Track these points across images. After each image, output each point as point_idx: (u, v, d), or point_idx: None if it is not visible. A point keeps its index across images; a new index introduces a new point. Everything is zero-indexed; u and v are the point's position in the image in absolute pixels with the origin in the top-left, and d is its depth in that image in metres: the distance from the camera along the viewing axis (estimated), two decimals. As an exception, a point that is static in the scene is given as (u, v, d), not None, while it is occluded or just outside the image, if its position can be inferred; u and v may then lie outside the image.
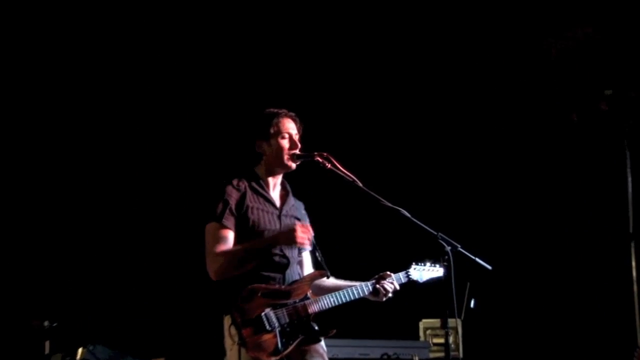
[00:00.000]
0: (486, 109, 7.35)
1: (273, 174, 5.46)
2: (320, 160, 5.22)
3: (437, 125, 7.82)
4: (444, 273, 5.12)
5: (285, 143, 5.38)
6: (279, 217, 5.36)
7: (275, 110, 5.47)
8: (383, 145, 7.86)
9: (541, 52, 6.67)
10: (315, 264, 5.52)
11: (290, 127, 5.42)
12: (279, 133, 5.38)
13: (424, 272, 5.59)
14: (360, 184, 5.19)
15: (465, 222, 7.39)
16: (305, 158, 5.33)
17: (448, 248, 5.05)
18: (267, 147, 5.40)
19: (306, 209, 5.65)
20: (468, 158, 7.91)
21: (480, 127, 7.54)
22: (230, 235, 5.21)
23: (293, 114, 5.50)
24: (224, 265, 5.15)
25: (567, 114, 6.86)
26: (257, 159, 5.50)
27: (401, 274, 5.49)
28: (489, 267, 5.19)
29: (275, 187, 5.44)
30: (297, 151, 5.40)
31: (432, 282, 5.62)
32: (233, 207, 5.23)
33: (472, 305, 6.48)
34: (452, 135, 7.87)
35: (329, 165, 5.20)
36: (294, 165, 5.42)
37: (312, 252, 5.53)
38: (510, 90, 7.18)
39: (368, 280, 5.38)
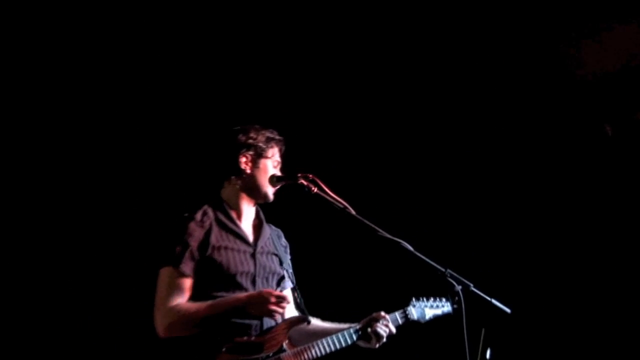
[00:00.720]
0: (505, 125, 6.60)
1: (248, 202, 4.67)
2: (305, 183, 4.40)
3: (443, 142, 7.02)
4: (452, 308, 4.27)
5: (272, 168, 4.64)
6: (253, 255, 4.55)
7: (278, 137, 4.71)
8: (378, 165, 6.96)
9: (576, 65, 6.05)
10: (296, 304, 4.71)
11: (279, 155, 4.71)
12: (271, 156, 4.65)
13: (427, 309, 4.84)
14: (353, 212, 4.36)
15: (474, 257, 6.51)
16: (286, 181, 4.55)
17: (459, 287, 4.18)
18: (252, 167, 4.63)
19: (287, 237, 4.86)
20: (480, 179, 7.01)
21: (496, 143, 6.77)
22: (187, 284, 4.39)
23: (278, 136, 4.75)
24: (176, 325, 4.35)
25: (601, 128, 6.19)
26: (220, 180, 4.68)
27: (397, 314, 4.68)
28: (508, 310, 4.44)
29: (248, 217, 4.65)
30: (276, 172, 4.66)
31: (439, 319, 4.83)
32: (194, 249, 4.42)
33: (488, 356, 5.56)
34: (461, 154, 7.04)
35: (315, 190, 4.39)
36: (271, 194, 4.65)
37: (293, 290, 4.75)
38: (537, 107, 6.47)
39: (358, 322, 4.55)
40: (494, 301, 4.32)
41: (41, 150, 6.14)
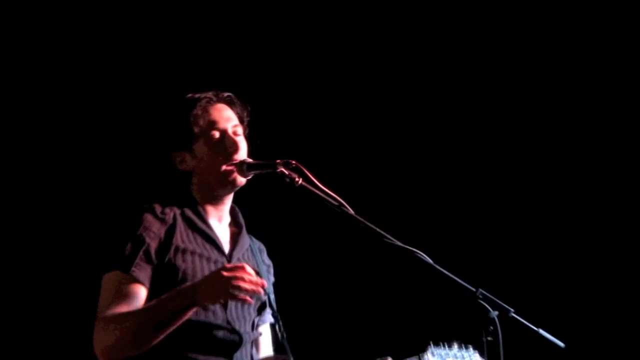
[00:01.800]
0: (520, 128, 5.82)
1: (213, 199, 3.63)
2: (286, 172, 3.36)
3: (450, 136, 5.97)
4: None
5: (218, 145, 3.59)
6: None
7: (197, 95, 3.64)
8: (380, 150, 5.83)
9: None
10: (276, 343, 3.63)
11: (224, 116, 3.62)
12: (206, 131, 3.58)
13: (449, 360, 3.61)
14: (351, 211, 3.31)
15: (511, 273, 5.54)
16: (261, 169, 3.48)
17: (494, 313, 3.12)
18: (192, 158, 3.60)
19: (270, 254, 3.82)
20: (510, 177, 6.01)
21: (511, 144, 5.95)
22: (140, 293, 3.36)
23: (228, 94, 3.69)
24: (117, 339, 3.28)
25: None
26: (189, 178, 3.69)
27: None
28: (561, 345, 3.41)
29: (221, 218, 3.62)
30: (243, 156, 3.58)
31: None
32: (152, 249, 3.37)
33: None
34: (471, 151, 6.01)
35: (300, 181, 3.34)
36: (240, 180, 3.57)
37: (273, 325, 3.68)
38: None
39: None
40: (542, 332, 3.31)
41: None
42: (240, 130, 3.61)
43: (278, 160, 3.40)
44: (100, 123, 5.40)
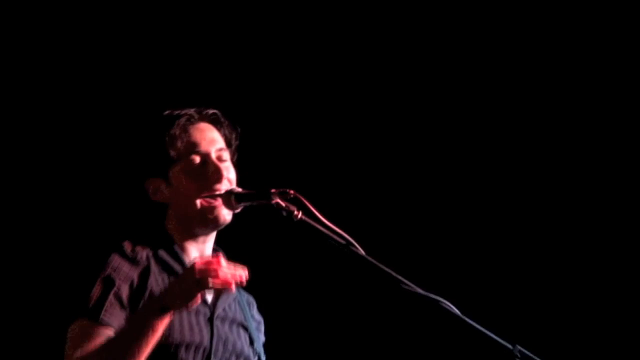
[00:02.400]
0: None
1: (191, 237, 3.08)
2: (283, 203, 2.81)
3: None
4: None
5: (198, 172, 3.05)
6: (210, 320, 2.96)
7: (176, 112, 3.11)
8: (393, 178, 5.22)
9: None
10: None
11: (206, 138, 3.09)
12: (184, 155, 3.04)
13: None
14: (361, 251, 2.75)
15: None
16: (252, 200, 2.92)
17: (536, 380, 2.64)
18: (167, 187, 3.06)
19: (262, 306, 3.26)
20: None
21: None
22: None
23: (213, 111, 3.16)
24: None
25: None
26: (162, 209, 3.11)
27: None
28: None
29: (202, 255, 3.06)
30: (227, 186, 3.04)
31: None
32: (123, 293, 2.86)
33: None
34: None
35: (300, 215, 2.79)
36: (225, 218, 3.03)
37: None
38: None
39: None
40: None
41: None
42: (226, 155, 3.07)
43: (273, 190, 2.82)
44: (60, 140, 4.79)
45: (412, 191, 5.20)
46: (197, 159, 3.02)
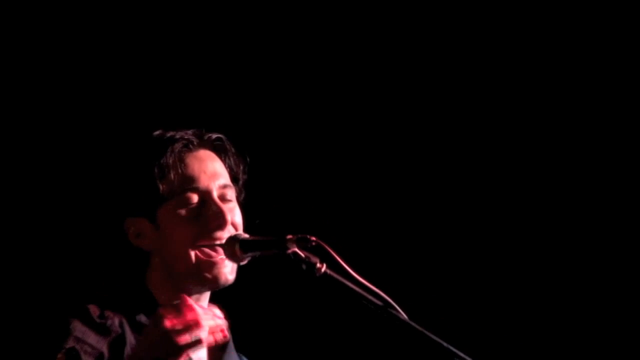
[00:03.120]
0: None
1: (181, 293, 2.36)
2: (302, 254, 2.20)
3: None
4: None
5: (195, 214, 2.43)
6: None
7: (170, 134, 2.47)
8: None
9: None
10: None
11: (208, 170, 2.46)
12: (178, 191, 2.42)
13: None
14: (403, 315, 2.16)
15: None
16: (262, 249, 2.31)
17: None
18: (153, 231, 2.44)
19: None
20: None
21: None
22: None
23: (218, 136, 2.53)
24: None
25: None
26: (144, 258, 2.46)
27: None
28: None
29: None
30: (234, 231, 2.43)
31: None
32: None
33: None
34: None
35: (324, 268, 2.18)
36: (226, 277, 2.41)
37: None
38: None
39: None
40: None
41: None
42: (231, 193, 2.46)
43: (289, 236, 2.23)
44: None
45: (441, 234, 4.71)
46: (195, 198, 2.41)
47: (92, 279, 2.46)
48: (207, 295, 2.45)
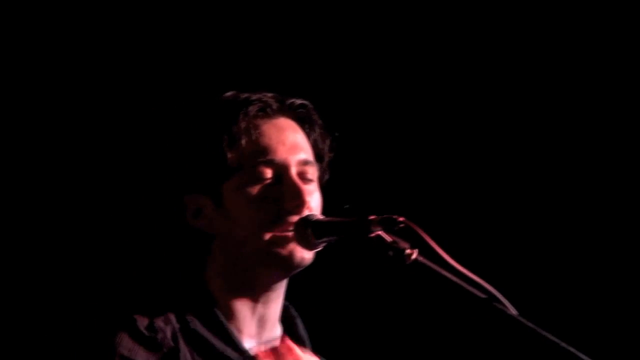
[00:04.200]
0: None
1: (246, 290, 2.10)
2: (388, 237, 1.87)
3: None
4: None
5: (269, 192, 2.06)
6: None
7: (243, 96, 2.10)
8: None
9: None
10: None
11: (287, 142, 2.11)
12: (250, 164, 2.07)
13: None
14: (512, 309, 1.80)
15: None
16: (340, 233, 1.98)
17: None
18: (216, 210, 2.09)
19: None
20: None
21: None
22: None
23: (301, 102, 2.15)
24: None
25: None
26: (203, 245, 2.12)
27: None
28: None
29: (263, 329, 2.10)
30: (311, 211, 2.07)
31: None
32: None
33: None
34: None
35: (415, 254, 1.85)
36: (303, 256, 2.04)
37: None
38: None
39: None
40: None
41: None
42: (312, 172, 2.11)
43: (372, 217, 1.91)
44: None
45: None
46: (269, 173, 2.07)
47: (140, 276, 2.20)
48: (279, 293, 2.12)
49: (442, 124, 4.32)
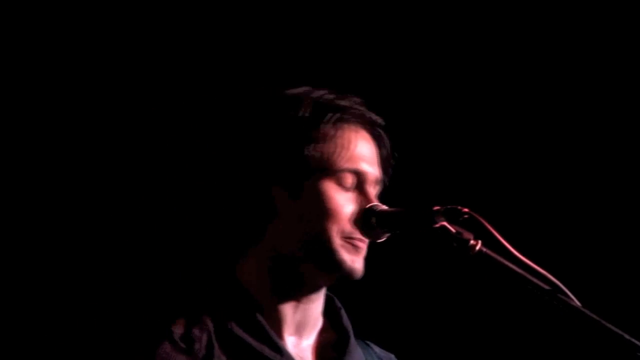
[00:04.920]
0: None
1: (292, 291, 2.09)
2: (453, 229, 1.89)
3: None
4: None
5: (350, 200, 2.07)
6: None
7: (331, 97, 2.12)
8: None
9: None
10: None
11: (370, 157, 2.11)
12: (334, 168, 2.07)
13: None
14: (576, 302, 1.82)
15: None
16: (403, 225, 2.00)
17: None
18: (291, 207, 2.08)
19: None
20: None
21: None
22: None
23: (380, 121, 2.16)
24: None
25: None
26: (235, 245, 2.13)
27: None
28: None
29: (304, 328, 2.10)
30: (375, 205, 2.08)
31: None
32: None
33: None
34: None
35: (479, 245, 1.86)
36: (362, 268, 2.06)
37: None
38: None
39: None
40: None
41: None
42: (378, 190, 2.13)
43: (436, 207, 1.93)
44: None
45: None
46: (350, 181, 2.07)
47: (174, 277, 2.20)
48: (321, 295, 2.12)
49: (499, 116, 4.31)
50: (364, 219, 2.02)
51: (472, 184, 3.58)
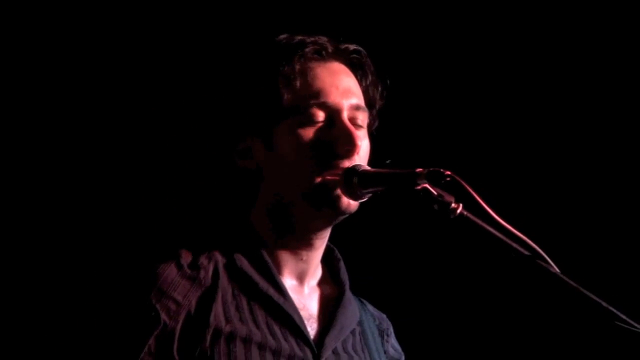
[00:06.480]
0: None
1: (294, 235, 2.13)
2: (434, 191, 1.90)
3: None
4: None
5: (321, 135, 2.07)
6: None
7: (297, 39, 2.12)
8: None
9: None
10: None
11: (340, 85, 2.11)
12: (303, 105, 2.07)
13: None
14: (555, 267, 1.83)
15: None
16: (386, 184, 2.01)
17: None
18: (265, 152, 2.12)
19: (402, 333, 2.35)
20: None
21: None
22: None
23: (355, 48, 2.18)
24: None
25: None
26: (250, 186, 2.15)
27: None
28: None
29: (305, 274, 2.15)
30: (359, 161, 2.09)
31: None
32: (173, 335, 1.95)
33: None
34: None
35: (460, 209, 1.88)
36: (348, 203, 2.07)
37: None
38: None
39: None
40: None
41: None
42: (363, 118, 2.12)
43: (419, 169, 1.93)
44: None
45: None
46: (321, 115, 2.07)
47: (187, 214, 2.24)
48: (327, 234, 2.14)
49: (490, 80, 4.29)
50: (346, 179, 2.02)
51: (458, 148, 3.57)
